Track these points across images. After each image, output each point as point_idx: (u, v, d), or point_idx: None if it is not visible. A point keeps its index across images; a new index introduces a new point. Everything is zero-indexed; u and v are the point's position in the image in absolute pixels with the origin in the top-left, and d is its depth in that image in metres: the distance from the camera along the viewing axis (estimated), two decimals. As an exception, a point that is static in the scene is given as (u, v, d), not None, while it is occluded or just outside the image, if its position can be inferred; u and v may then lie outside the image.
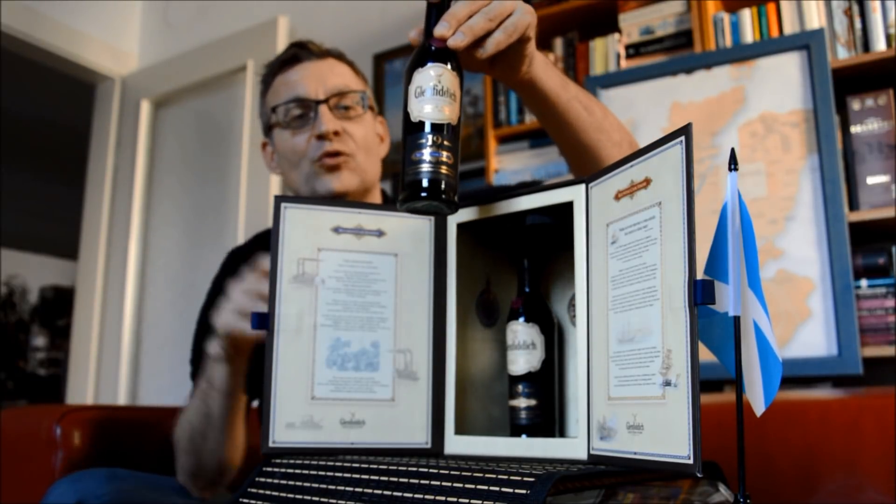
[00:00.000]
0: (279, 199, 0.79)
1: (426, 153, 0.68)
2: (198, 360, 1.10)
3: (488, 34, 0.74)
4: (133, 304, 3.07)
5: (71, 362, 3.15)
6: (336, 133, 1.15)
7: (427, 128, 0.69)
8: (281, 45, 2.72)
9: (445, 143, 0.69)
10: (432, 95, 0.69)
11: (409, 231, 0.82)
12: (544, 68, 0.85)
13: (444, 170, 0.68)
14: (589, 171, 0.92)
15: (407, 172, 0.69)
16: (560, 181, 0.76)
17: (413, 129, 0.70)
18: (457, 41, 0.72)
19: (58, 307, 6.72)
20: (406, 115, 0.71)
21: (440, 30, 0.72)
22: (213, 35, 3.08)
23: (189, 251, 2.96)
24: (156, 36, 3.34)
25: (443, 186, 0.68)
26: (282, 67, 1.21)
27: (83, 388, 3.05)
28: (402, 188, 0.69)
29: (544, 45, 2.27)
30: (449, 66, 0.71)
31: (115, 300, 3.09)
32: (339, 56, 1.25)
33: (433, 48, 0.72)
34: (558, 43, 2.23)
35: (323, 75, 1.18)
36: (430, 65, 0.71)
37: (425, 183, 0.68)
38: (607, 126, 0.92)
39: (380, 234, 0.81)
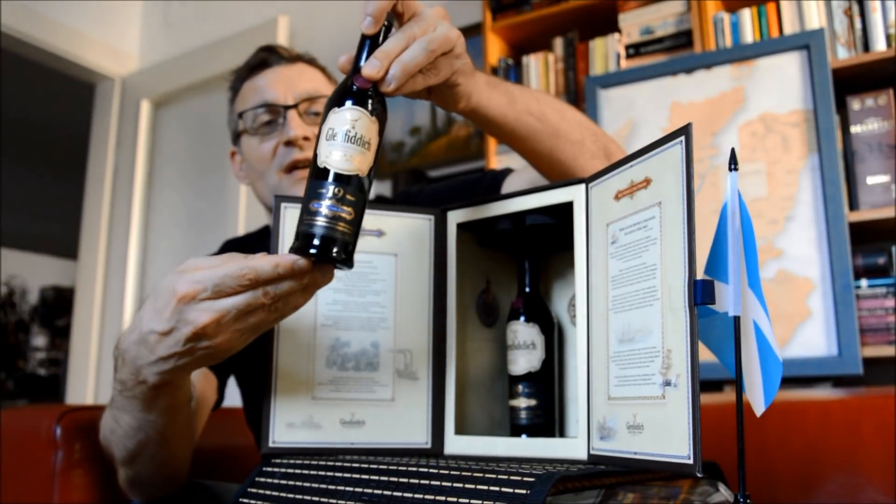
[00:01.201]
0: (279, 199, 0.79)
1: (324, 206, 0.63)
2: None
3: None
4: (133, 304, 3.07)
5: (71, 362, 3.15)
6: (306, 139, 1.10)
7: (331, 177, 0.63)
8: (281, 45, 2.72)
9: (349, 196, 0.63)
10: (343, 142, 0.63)
11: (409, 231, 0.82)
12: (487, 94, 0.80)
13: (341, 227, 0.63)
14: (553, 175, 0.91)
15: (302, 221, 0.64)
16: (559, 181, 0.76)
17: (317, 174, 0.64)
18: (387, 87, 0.66)
19: (58, 307, 6.73)
20: (315, 156, 0.65)
21: (368, 69, 0.65)
22: (213, 35, 3.08)
23: (189, 251, 2.96)
24: (156, 36, 3.34)
25: (335, 246, 0.63)
26: (250, 73, 1.17)
27: (83, 388, 3.05)
28: (296, 236, 0.64)
29: (544, 45, 2.27)
30: (368, 110, 0.65)
31: (115, 300, 3.10)
32: (311, 61, 1.20)
33: (354, 87, 0.65)
34: (558, 43, 2.23)
35: (292, 80, 1.14)
36: (347, 106, 0.64)
37: (316, 240, 0.62)
38: (565, 128, 0.89)
39: (380, 234, 0.81)
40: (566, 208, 0.74)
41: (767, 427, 0.98)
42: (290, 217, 0.78)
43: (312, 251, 0.62)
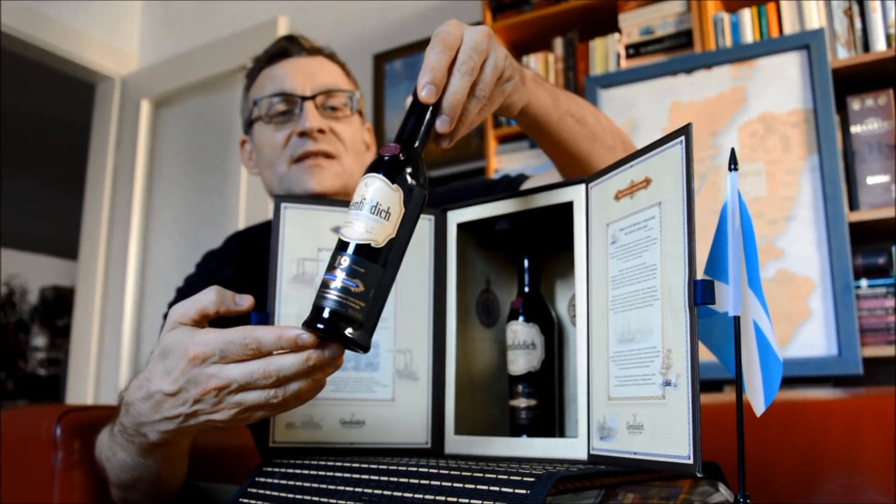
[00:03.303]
0: (279, 199, 0.78)
1: (338, 278, 0.59)
2: None
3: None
4: (133, 304, 3.07)
5: (71, 362, 3.15)
6: (321, 131, 1.10)
7: (350, 248, 0.60)
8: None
9: (360, 268, 0.60)
10: (368, 213, 0.61)
11: (409, 231, 0.82)
12: (535, 92, 0.79)
13: (352, 303, 0.59)
14: None
15: (318, 293, 0.60)
16: (560, 181, 0.76)
17: (338, 245, 0.61)
18: (448, 144, 0.67)
19: (58, 307, 6.73)
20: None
21: (442, 126, 0.65)
22: (213, 35, 3.08)
23: (189, 251, 2.96)
24: (156, 36, 3.34)
25: (348, 324, 0.59)
26: (269, 61, 1.16)
27: (83, 388, 3.05)
28: (312, 307, 0.61)
29: (544, 45, 2.27)
30: (395, 182, 0.61)
31: (115, 300, 3.09)
32: (331, 55, 1.20)
33: (386, 157, 0.63)
34: (558, 43, 2.23)
35: (312, 72, 1.13)
36: (372, 175, 0.62)
37: (325, 313, 0.59)
38: (600, 132, 0.89)
39: (380, 234, 0.81)
40: (566, 208, 0.74)
41: (767, 427, 0.98)
42: (289, 217, 0.78)
43: (319, 325, 0.59)
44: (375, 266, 0.61)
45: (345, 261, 0.60)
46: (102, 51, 3.23)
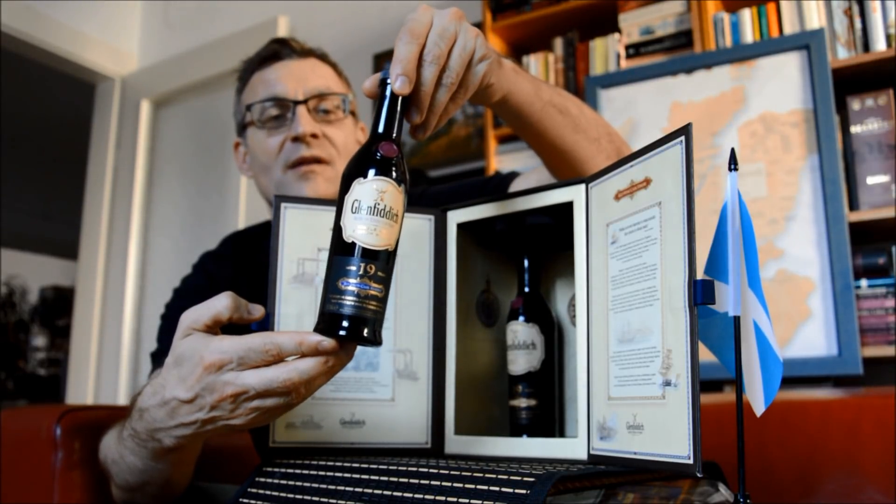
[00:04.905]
0: (279, 199, 0.78)
1: (353, 284, 0.60)
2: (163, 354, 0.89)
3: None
4: (133, 304, 3.07)
5: (71, 362, 3.15)
6: (314, 136, 1.10)
7: (359, 253, 0.60)
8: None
9: (379, 273, 0.60)
10: (369, 215, 0.60)
11: (409, 231, 0.82)
12: (516, 81, 0.78)
13: (371, 305, 0.60)
14: (567, 173, 0.90)
15: (329, 300, 0.60)
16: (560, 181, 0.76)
17: (343, 250, 0.61)
18: (423, 135, 0.66)
19: (58, 307, 6.72)
20: (337, 228, 0.62)
21: (413, 118, 0.64)
22: (213, 35, 3.08)
23: (189, 251, 2.96)
24: (156, 36, 3.34)
25: (366, 326, 0.60)
26: (261, 64, 1.16)
27: (83, 388, 3.05)
28: (321, 317, 0.61)
29: (544, 45, 2.27)
30: (395, 180, 0.62)
31: (115, 300, 3.10)
32: (322, 56, 1.19)
33: (379, 155, 0.62)
34: (558, 43, 2.23)
35: (304, 75, 1.13)
36: (372, 177, 0.61)
37: (345, 321, 0.60)
38: (584, 123, 0.88)
39: (380, 234, 0.81)
40: (566, 208, 0.74)
41: (767, 427, 0.98)
42: (290, 217, 0.78)
43: (342, 333, 0.60)
44: (389, 268, 0.62)
45: (367, 267, 0.60)
46: (102, 51, 3.23)
